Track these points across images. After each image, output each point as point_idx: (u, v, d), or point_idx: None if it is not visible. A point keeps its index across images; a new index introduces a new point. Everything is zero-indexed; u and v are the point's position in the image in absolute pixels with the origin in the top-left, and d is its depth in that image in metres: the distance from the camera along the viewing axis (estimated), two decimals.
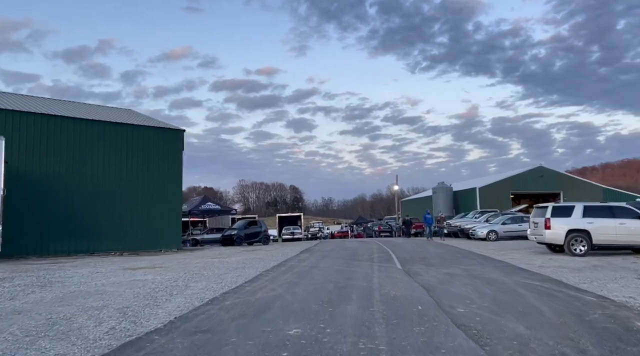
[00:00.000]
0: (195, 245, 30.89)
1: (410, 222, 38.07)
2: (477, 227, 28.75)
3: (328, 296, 8.41)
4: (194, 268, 13.26)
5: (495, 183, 45.81)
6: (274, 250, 21.85)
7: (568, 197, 45.52)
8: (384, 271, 12.59)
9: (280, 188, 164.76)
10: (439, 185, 49.40)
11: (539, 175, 45.94)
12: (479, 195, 45.07)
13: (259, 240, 29.61)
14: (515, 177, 46.28)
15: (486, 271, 12.41)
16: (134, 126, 23.50)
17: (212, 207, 31.12)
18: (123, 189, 22.59)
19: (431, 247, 22.70)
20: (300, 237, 41.60)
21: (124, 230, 22.14)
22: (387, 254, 18.33)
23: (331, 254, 18.75)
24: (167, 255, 20.46)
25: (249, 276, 11.33)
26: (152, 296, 8.64)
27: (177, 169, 24.19)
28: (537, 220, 18.17)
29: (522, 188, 45.83)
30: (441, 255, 17.63)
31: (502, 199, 44.37)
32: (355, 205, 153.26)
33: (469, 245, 23.66)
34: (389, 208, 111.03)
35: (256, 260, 15.78)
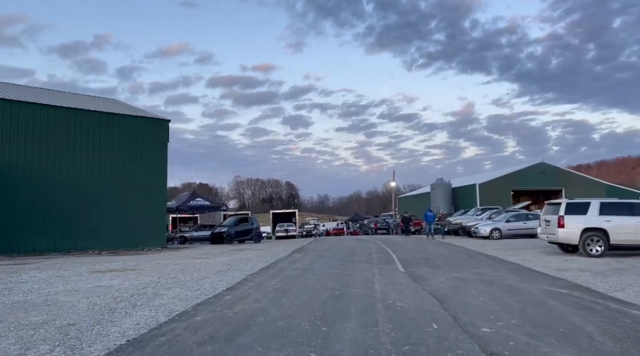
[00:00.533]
0: (183, 243, 29.41)
1: (410, 219, 36.74)
2: (480, 224, 27.39)
3: (322, 309, 6.98)
4: (171, 271, 11.79)
5: (495, 180, 44.48)
6: (265, 249, 20.41)
7: (570, 193, 44.17)
8: (385, 275, 11.17)
9: (276, 184, 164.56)
10: (438, 181, 48.03)
11: (540, 171, 44.64)
12: (478, 192, 43.74)
13: (251, 238, 28.15)
14: (516, 173, 44.98)
15: (501, 276, 11.01)
16: (114, 115, 21.88)
17: (201, 202, 29.62)
18: (103, 183, 21.02)
19: (433, 246, 21.32)
20: (294, 235, 40.14)
21: (103, 227, 20.60)
22: (387, 254, 16.93)
23: (327, 254, 17.32)
24: (149, 254, 18.97)
25: (231, 282, 9.87)
26: (110, 308, 7.17)
27: (162, 162, 22.65)
28: (549, 217, 16.79)
29: (523, 185, 44.54)
30: (446, 256, 16.23)
31: (502, 196, 43.04)
32: (351, 202, 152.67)
33: (473, 244, 22.29)
34: (385, 205, 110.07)
35: (243, 261, 14.33)
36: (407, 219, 35.43)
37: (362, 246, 21.97)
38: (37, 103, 20.03)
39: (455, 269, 12.46)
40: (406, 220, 35.33)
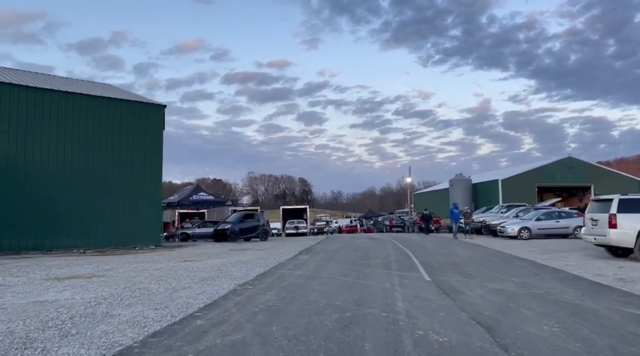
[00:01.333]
0: (185, 240, 27.54)
1: (430, 217, 34.41)
2: (507, 223, 24.98)
3: (325, 346, 4.83)
4: (145, 279, 9.75)
5: (519, 175, 41.88)
6: (269, 249, 18.35)
7: (600, 190, 41.45)
8: (408, 286, 9.00)
9: (289, 180, 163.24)
10: (457, 176, 45.53)
11: (567, 166, 41.91)
12: (501, 188, 41.19)
13: (257, 235, 26.14)
14: (541, 169, 42.29)
15: (553, 288, 8.77)
16: (103, 99, 19.87)
17: (204, 197, 27.71)
18: (90, 174, 19.11)
19: (458, 247, 19.03)
20: (304, 232, 38.06)
21: (90, 223, 18.71)
22: (407, 257, 14.73)
23: (337, 256, 15.18)
24: (138, 254, 17.05)
25: (214, 295, 7.80)
26: (26, 340, 5.12)
27: (157, 152, 20.68)
28: (597, 216, 14.42)
29: (549, 181, 41.85)
30: (475, 260, 13.98)
31: (526, 192, 40.44)
32: (364, 198, 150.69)
33: (501, 245, 19.96)
34: (399, 202, 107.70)
35: (239, 265, 12.26)
36: (427, 217, 32.88)
37: (378, 246, 19.78)
38: (25, 85, 18.21)
39: (491, 278, 10.24)
40: (426, 218, 32.80)
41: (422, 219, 33.44)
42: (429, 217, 33.23)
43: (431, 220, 34.10)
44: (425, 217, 32.83)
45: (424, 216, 33.15)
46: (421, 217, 34.31)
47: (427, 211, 33.51)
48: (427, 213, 33.40)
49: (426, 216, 32.82)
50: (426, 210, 33.74)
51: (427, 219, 32.84)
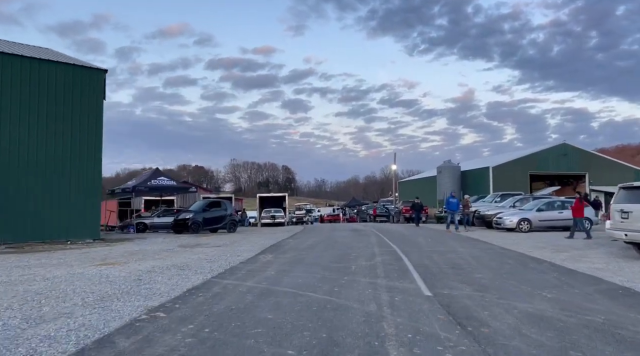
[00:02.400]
0: (143, 231, 24.35)
1: (421, 207, 31.54)
2: (505, 214, 22.36)
3: None
4: (10, 298, 6.66)
5: (511, 163, 39.38)
6: (228, 246, 15.33)
7: (595, 179, 39.36)
8: (402, 308, 6.12)
9: (273, 168, 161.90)
10: (445, 163, 42.91)
11: (561, 153, 39.53)
12: (492, 176, 38.67)
13: (223, 226, 23.09)
14: (534, 156, 39.84)
15: (611, 313, 5.97)
16: (25, 58, 16.45)
17: (165, 182, 24.47)
18: (9, 151, 15.80)
19: (455, 243, 16.26)
20: (282, 222, 35.10)
21: (7, 210, 15.42)
22: (396, 256, 11.88)
23: (309, 256, 12.25)
24: (67, 250, 13.91)
25: (84, 339, 4.76)
26: None
27: (95, 126, 17.40)
28: (629, 207, 11.72)
29: (543, 169, 39.45)
30: (482, 261, 11.18)
31: (519, 180, 38.01)
32: (348, 187, 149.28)
33: (502, 240, 17.29)
34: (383, 191, 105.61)
35: (172, 271, 9.24)
36: (418, 206, 29.66)
37: (360, 241, 16.90)
38: None
39: (513, 291, 7.44)
40: (417, 207, 29.59)
41: (413, 208, 30.43)
42: (420, 206, 30.08)
43: (423, 210, 31.18)
44: (416, 206, 29.75)
45: (414, 205, 30.08)
46: (411, 206, 31.13)
47: (418, 200, 30.63)
48: (419, 202, 30.18)
49: (417, 205, 29.70)
50: (417, 199, 30.43)
51: (419, 209, 29.72)
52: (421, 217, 30.58)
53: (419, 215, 29.42)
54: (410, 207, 31.45)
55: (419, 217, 29.34)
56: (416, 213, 29.30)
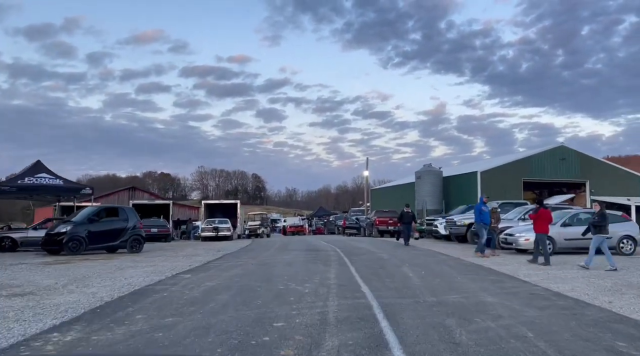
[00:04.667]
0: (12, 250, 17.28)
1: (413, 218, 22.19)
2: (517, 229, 16.27)
3: None
4: None
5: (502, 168, 33.63)
6: (80, 281, 8.60)
7: (596, 188, 33.97)
8: None
9: (242, 176, 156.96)
10: (425, 167, 36.92)
11: (559, 157, 34.03)
12: (480, 182, 32.82)
13: (122, 244, 16.23)
14: (528, 160, 34.20)
15: None
16: None
17: (45, 181, 17.50)
18: None
19: (470, 282, 9.77)
20: (227, 235, 28.31)
21: None
22: (371, 329, 5.35)
23: (174, 332, 5.60)
24: None
25: None
26: None
27: None
28: None
29: (538, 175, 33.85)
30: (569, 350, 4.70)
31: (510, 188, 32.28)
32: (319, 197, 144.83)
33: (542, 275, 11.03)
34: (354, 200, 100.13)
35: None
36: (408, 217, 21.73)
37: (311, 275, 10.32)
38: None
39: None
40: (407, 219, 21.68)
41: (401, 220, 22.19)
42: (411, 217, 21.94)
43: (413, 222, 23.08)
44: (405, 216, 21.70)
45: (403, 215, 21.92)
46: (400, 216, 22.55)
47: (409, 208, 22.41)
48: (409, 211, 22.04)
49: (407, 216, 21.69)
50: (407, 207, 22.42)
51: (409, 221, 21.69)
52: (412, 232, 22.62)
53: (409, 230, 21.63)
54: (398, 218, 22.96)
55: (408, 233, 21.55)
56: (405, 227, 21.58)
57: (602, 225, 12.00)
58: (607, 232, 12.11)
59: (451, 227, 22.63)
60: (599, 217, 12.21)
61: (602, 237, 11.98)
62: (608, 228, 12.17)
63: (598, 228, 12.02)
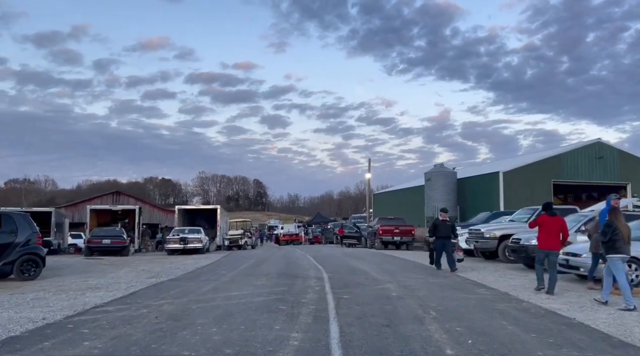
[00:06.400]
0: None
1: (452, 229, 13.96)
2: (579, 247, 11.11)
3: None
4: None
5: (528, 167, 28.56)
6: None
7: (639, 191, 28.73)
8: None
9: (244, 182, 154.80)
10: (436, 168, 31.87)
11: (596, 155, 28.98)
12: (502, 184, 27.72)
13: (8, 266, 11.18)
14: (559, 158, 29.13)
15: None
16: None
17: None
18: None
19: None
20: (198, 247, 23.24)
21: None
22: None
23: None
24: None
25: None
26: None
27: None
28: None
29: (571, 176, 28.81)
30: None
31: (538, 191, 27.22)
32: (322, 203, 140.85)
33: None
34: (357, 206, 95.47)
35: None
36: (447, 228, 13.89)
37: (252, 349, 5.18)
38: None
39: None
40: (446, 230, 13.82)
41: (435, 233, 13.98)
42: (451, 228, 13.97)
43: (455, 237, 14.36)
44: (441, 228, 13.88)
45: (439, 226, 13.96)
46: (432, 228, 14.31)
47: (446, 214, 14.58)
48: (446, 220, 14.19)
49: (445, 226, 13.88)
50: (444, 213, 14.62)
51: (448, 233, 13.73)
52: (454, 252, 13.77)
53: (447, 248, 13.58)
54: (430, 230, 14.47)
55: (447, 251, 13.56)
56: (440, 243, 13.71)
57: (612, 239, 8.04)
58: (623, 250, 8.12)
59: (477, 239, 17.46)
60: (604, 227, 8.39)
61: (615, 258, 8.05)
62: (622, 244, 8.12)
63: (606, 244, 8.22)
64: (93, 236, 22.66)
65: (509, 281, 11.21)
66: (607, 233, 8.17)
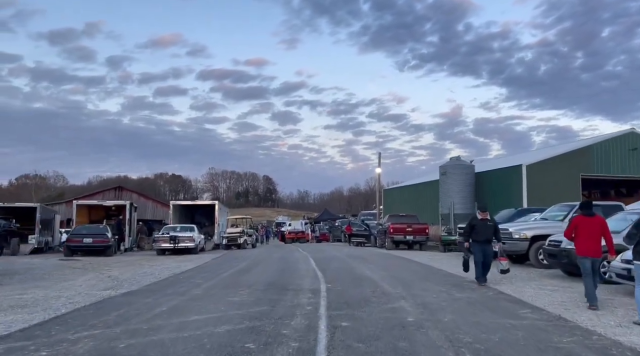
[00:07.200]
0: None
1: (495, 230, 10.65)
2: None
3: None
4: None
5: (555, 160, 25.97)
6: None
7: None
8: None
9: (253, 178, 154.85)
10: (452, 160, 29.36)
11: (629, 146, 26.27)
12: (526, 179, 25.17)
13: None
14: (588, 150, 26.46)
15: None
16: None
17: None
18: None
19: None
20: (190, 247, 21.11)
21: None
22: None
23: None
24: None
25: None
26: None
27: None
28: None
29: (602, 170, 26.15)
30: None
31: (565, 186, 24.65)
32: (332, 199, 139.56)
33: None
34: (367, 203, 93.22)
35: None
36: (489, 229, 10.74)
37: None
38: None
39: None
40: (487, 232, 10.71)
41: (472, 235, 10.81)
42: (493, 230, 10.80)
43: (499, 240, 10.89)
44: (481, 229, 10.72)
45: (477, 227, 10.79)
46: (469, 228, 11.00)
47: (485, 214, 10.95)
48: (485, 218, 10.89)
49: (486, 227, 10.74)
50: (483, 212, 10.99)
51: (489, 236, 10.73)
52: (494, 255, 10.85)
53: (488, 255, 10.66)
54: (466, 232, 11.24)
55: (488, 260, 10.66)
56: (480, 248, 10.62)
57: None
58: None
59: (503, 240, 15.04)
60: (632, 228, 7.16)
61: None
62: None
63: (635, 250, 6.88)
64: (73, 234, 20.56)
65: (554, 296, 8.87)
66: (634, 236, 6.77)
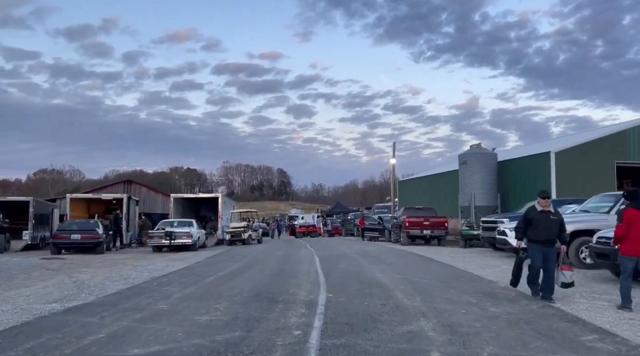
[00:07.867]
0: None
1: (561, 227, 7.63)
2: None
3: None
4: None
5: (586, 146, 23.66)
6: None
7: None
8: None
9: (267, 171, 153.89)
10: (473, 148, 27.17)
11: None
12: (554, 168, 22.93)
13: None
14: (623, 135, 24.05)
15: None
16: None
17: None
18: None
19: None
20: (188, 243, 19.42)
21: None
22: None
23: None
24: None
25: None
26: None
27: None
28: None
29: (637, 157, 23.77)
30: None
31: (598, 175, 22.38)
32: (346, 192, 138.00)
33: None
34: (382, 195, 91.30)
35: None
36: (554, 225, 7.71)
37: None
38: None
39: None
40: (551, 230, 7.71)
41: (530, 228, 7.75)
42: (559, 226, 7.83)
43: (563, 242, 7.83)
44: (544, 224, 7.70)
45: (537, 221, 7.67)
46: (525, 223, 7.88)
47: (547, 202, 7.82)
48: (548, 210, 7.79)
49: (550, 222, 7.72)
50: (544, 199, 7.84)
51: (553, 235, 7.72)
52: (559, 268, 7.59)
53: (551, 261, 7.56)
54: (521, 228, 7.91)
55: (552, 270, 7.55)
56: (537, 252, 7.54)
57: None
58: None
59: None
60: None
61: None
62: None
63: None
64: (60, 230, 19.02)
65: (616, 310, 6.84)
66: None
